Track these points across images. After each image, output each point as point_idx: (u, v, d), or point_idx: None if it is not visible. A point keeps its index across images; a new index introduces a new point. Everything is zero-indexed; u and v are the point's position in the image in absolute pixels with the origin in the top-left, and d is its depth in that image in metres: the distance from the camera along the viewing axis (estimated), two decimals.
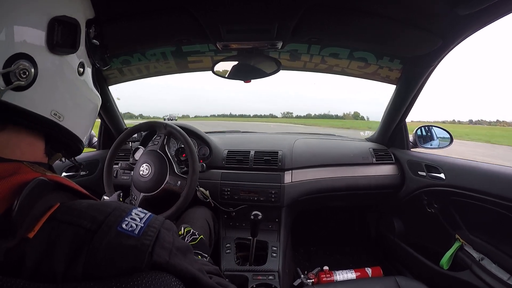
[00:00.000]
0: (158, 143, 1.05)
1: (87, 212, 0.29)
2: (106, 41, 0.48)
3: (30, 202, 0.28)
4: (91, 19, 0.42)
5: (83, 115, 0.43)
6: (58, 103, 0.36)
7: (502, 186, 0.89)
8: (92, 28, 0.42)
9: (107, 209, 0.30)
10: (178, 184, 0.99)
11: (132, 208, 0.32)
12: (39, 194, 0.30)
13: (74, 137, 0.40)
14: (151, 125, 1.13)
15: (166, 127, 1.06)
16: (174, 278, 0.30)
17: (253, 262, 1.12)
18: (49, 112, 0.35)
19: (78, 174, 1.32)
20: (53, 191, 0.32)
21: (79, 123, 0.41)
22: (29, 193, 0.28)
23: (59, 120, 0.36)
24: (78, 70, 0.39)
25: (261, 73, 1.04)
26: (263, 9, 0.75)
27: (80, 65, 0.39)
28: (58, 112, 0.36)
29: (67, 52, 0.36)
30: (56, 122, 0.36)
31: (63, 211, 0.29)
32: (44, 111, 0.34)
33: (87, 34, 0.41)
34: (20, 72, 0.31)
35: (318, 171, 1.32)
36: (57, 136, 0.38)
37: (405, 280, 0.93)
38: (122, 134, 1.12)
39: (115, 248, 0.27)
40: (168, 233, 0.32)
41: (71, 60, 0.38)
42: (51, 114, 0.35)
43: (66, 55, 0.37)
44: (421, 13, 0.76)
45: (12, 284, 0.24)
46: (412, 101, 1.23)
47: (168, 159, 1.02)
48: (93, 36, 0.43)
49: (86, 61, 0.41)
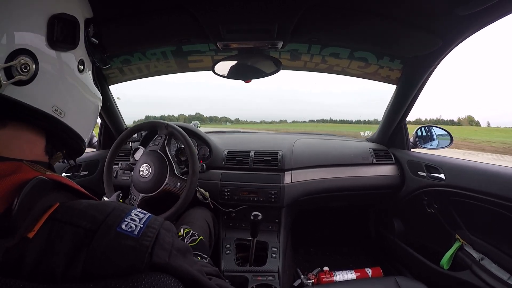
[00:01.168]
0: (159, 143, 1.04)
1: (87, 212, 0.29)
2: (105, 40, 0.48)
3: (30, 201, 0.28)
4: (89, 18, 0.43)
5: (84, 113, 0.43)
6: (59, 99, 0.36)
7: (502, 186, 0.89)
8: (91, 27, 0.43)
9: (107, 209, 0.31)
10: (177, 185, 0.98)
11: (132, 209, 0.32)
12: (39, 193, 0.30)
13: (75, 135, 0.40)
14: (152, 125, 1.13)
15: (168, 127, 1.06)
16: (174, 279, 0.30)
17: (253, 262, 1.12)
18: (50, 107, 0.35)
19: (78, 174, 1.31)
20: (53, 190, 0.32)
21: (80, 121, 0.41)
22: (28, 192, 0.28)
23: (60, 116, 0.37)
24: (78, 67, 0.40)
25: (261, 73, 1.04)
26: (263, 9, 0.75)
27: (80, 62, 0.40)
28: (59, 108, 0.36)
29: (67, 48, 0.37)
30: (57, 118, 0.36)
31: (63, 211, 0.29)
32: (45, 106, 0.35)
33: (86, 33, 0.42)
34: (21, 66, 0.32)
35: (318, 171, 1.32)
36: (59, 133, 0.38)
37: (405, 280, 0.93)
38: (122, 134, 1.12)
39: (114, 248, 0.28)
40: (167, 234, 0.32)
41: (71, 56, 0.38)
42: (52, 109, 0.35)
43: (66, 51, 0.37)
44: (421, 14, 0.76)
45: (11, 285, 0.24)
46: (412, 101, 1.23)
47: (168, 159, 1.01)
48: (91, 35, 0.43)
49: (86, 60, 0.41)
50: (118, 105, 1.43)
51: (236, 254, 1.19)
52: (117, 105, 1.42)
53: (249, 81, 1.07)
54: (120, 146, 1.11)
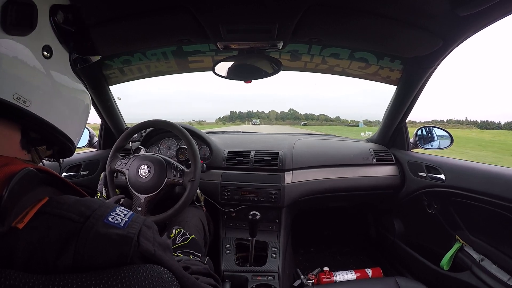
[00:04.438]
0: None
1: (75, 207, 0.31)
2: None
3: (20, 191, 0.29)
4: (58, 4, 0.41)
5: (56, 101, 0.40)
6: (21, 86, 0.34)
7: (502, 187, 0.89)
8: (60, 13, 0.41)
9: (94, 205, 0.32)
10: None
11: (116, 206, 0.34)
12: (29, 183, 0.31)
13: (48, 126, 0.38)
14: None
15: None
16: (165, 269, 0.32)
17: (253, 262, 1.12)
18: (11, 95, 0.33)
19: (78, 173, 1.32)
20: (42, 184, 0.34)
21: (52, 110, 0.39)
22: (18, 181, 0.29)
23: (24, 104, 0.34)
24: (43, 53, 0.38)
25: (261, 73, 1.04)
26: (263, 9, 0.75)
27: (46, 48, 0.38)
28: (22, 96, 0.34)
29: (22, 32, 0.35)
30: (21, 107, 0.34)
31: (52, 205, 0.30)
32: (5, 94, 0.33)
33: (53, 18, 0.40)
34: None
35: (318, 172, 1.32)
36: (31, 126, 0.37)
37: (405, 281, 0.93)
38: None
39: (102, 236, 0.29)
40: (148, 230, 0.34)
41: (31, 42, 0.36)
42: (13, 97, 0.33)
43: (23, 35, 0.35)
44: (422, 14, 0.76)
45: (5, 275, 0.25)
46: (412, 102, 1.23)
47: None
48: (61, 21, 0.41)
49: (55, 47, 0.40)
50: (118, 105, 1.43)
51: (236, 254, 1.19)
52: (117, 105, 1.42)
53: (249, 81, 1.07)
54: (120, 148, 1.08)
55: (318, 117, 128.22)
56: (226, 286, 1.01)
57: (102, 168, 1.35)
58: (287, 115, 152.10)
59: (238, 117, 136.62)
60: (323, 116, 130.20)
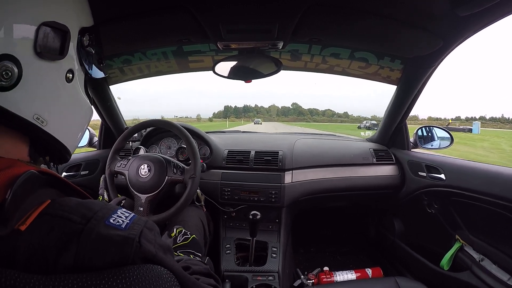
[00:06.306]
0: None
1: (77, 209, 0.31)
2: (104, 50, 0.48)
3: (23, 194, 0.29)
4: (86, 27, 0.42)
5: (70, 123, 0.42)
6: (41, 108, 0.36)
7: (503, 186, 0.89)
8: (86, 37, 0.42)
9: (95, 207, 0.32)
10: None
11: (117, 208, 0.35)
12: (32, 186, 0.31)
13: (58, 144, 0.40)
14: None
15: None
16: (165, 270, 0.32)
17: (253, 262, 1.12)
18: (31, 115, 0.34)
19: (78, 173, 1.32)
20: (45, 186, 0.34)
21: (65, 131, 0.41)
22: (21, 184, 0.29)
23: (42, 124, 0.36)
24: (66, 77, 0.39)
25: (261, 73, 1.04)
26: (263, 9, 0.75)
27: (69, 72, 0.39)
28: (41, 117, 0.35)
29: (53, 58, 0.36)
30: (38, 126, 0.35)
31: (54, 207, 0.31)
32: (26, 114, 0.34)
33: (80, 42, 0.41)
34: (3, 72, 0.31)
35: (318, 171, 1.32)
36: (41, 141, 0.38)
37: (405, 281, 0.93)
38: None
39: (104, 238, 0.29)
40: (149, 232, 0.34)
41: (59, 66, 0.37)
42: (33, 118, 0.35)
43: (53, 61, 0.36)
44: (422, 14, 0.76)
45: (7, 275, 0.25)
46: (412, 102, 1.23)
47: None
48: (87, 44, 0.42)
49: (77, 69, 0.41)
50: (118, 104, 1.43)
51: (236, 254, 1.19)
52: (117, 105, 1.42)
53: (249, 81, 1.07)
54: (120, 149, 1.07)
55: (324, 113, 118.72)
56: (226, 286, 1.01)
57: (102, 168, 1.34)
58: (290, 111, 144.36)
59: (233, 112, 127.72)
60: (330, 111, 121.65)
